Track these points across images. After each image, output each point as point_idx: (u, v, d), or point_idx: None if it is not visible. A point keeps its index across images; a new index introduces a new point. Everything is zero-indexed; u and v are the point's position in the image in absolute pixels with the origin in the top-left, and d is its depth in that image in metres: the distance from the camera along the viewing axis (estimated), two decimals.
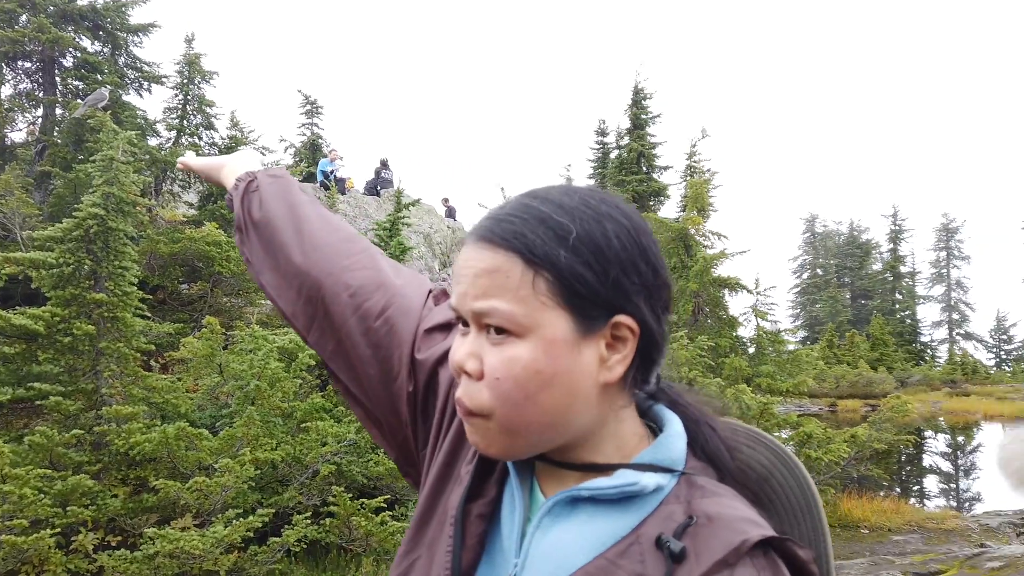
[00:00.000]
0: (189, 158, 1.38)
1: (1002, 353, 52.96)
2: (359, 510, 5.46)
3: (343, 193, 18.00)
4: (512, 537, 0.75)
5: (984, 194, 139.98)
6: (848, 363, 33.16)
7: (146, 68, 13.31)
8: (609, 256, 0.70)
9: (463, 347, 0.72)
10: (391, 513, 5.63)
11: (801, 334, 50.76)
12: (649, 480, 0.70)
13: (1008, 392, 29.34)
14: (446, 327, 0.96)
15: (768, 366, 10.63)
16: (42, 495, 4.54)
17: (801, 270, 59.30)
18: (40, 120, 12.00)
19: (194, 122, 13.33)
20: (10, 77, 11.69)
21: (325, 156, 20.15)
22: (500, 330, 0.69)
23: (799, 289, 58.06)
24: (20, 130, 12.43)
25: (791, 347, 12.18)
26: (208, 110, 13.29)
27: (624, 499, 0.71)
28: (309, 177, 20.08)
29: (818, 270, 57.15)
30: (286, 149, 22.96)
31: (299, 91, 23.84)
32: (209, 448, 5.35)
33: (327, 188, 16.48)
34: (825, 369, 27.40)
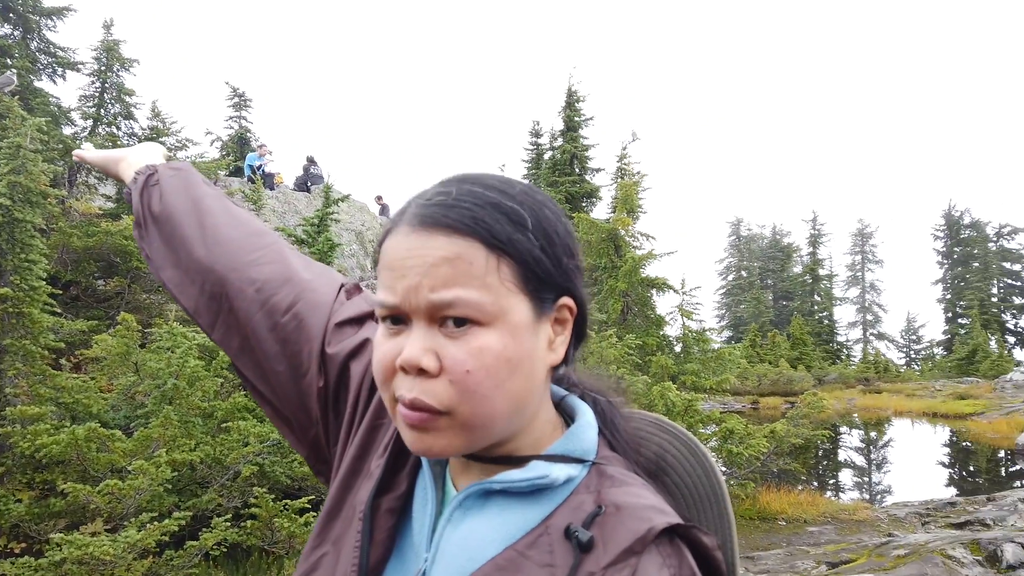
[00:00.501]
0: (85, 150, 1.32)
1: (911, 352, 55.90)
2: (282, 511, 5.33)
3: (272, 188, 17.58)
4: (423, 531, 0.75)
5: (896, 201, 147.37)
6: (770, 362, 34.41)
7: (60, 53, 12.71)
8: (556, 240, 0.72)
9: (415, 342, 0.67)
10: (315, 514, 5.53)
11: (726, 334, 52.42)
12: (559, 472, 0.70)
13: (917, 390, 30.94)
14: (358, 321, 0.95)
15: (693, 364, 10.91)
16: None
17: (727, 272, 61.18)
18: None
19: (112, 111, 12.79)
20: None
21: (253, 150, 19.64)
22: (462, 320, 0.66)
23: (724, 290, 59.88)
24: None
25: (716, 346, 12.52)
26: (127, 99, 12.79)
27: (536, 491, 0.71)
28: (236, 171, 19.55)
29: (743, 272, 59.06)
30: (212, 142, 22.29)
31: (227, 83, 23.13)
32: (122, 450, 5.13)
33: (255, 183, 16.05)
34: (748, 368, 28.32)
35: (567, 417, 0.79)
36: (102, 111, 12.56)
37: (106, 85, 12.72)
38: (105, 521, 4.82)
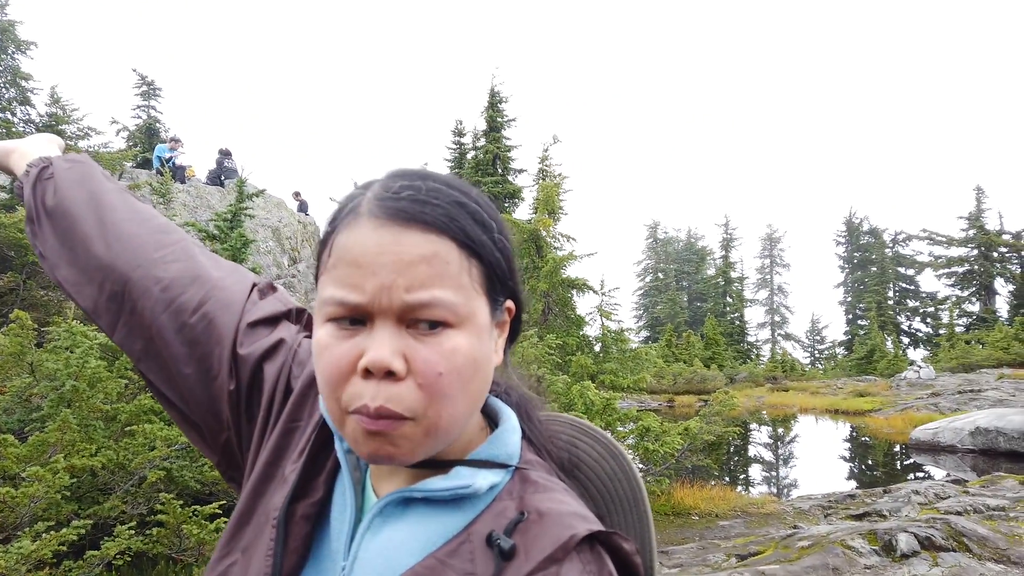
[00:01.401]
0: None
1: (816, 352, 58.85)
2: (191, 517, 5.12)
3: (183, 182, 16.89)
4: (341, 539, 0.73)
5: (802, 207, 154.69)
6: (684, 361, 35.55)
7: None
8: (509, 243, 0.72)
9: (384, 344, 0.63)
10: (227, 519, 5.33)
11: (643, 334, 53.72)
12: (483, 481, 0.70)
13: (820, 387, 32.51)
14: (272, 321, 0.92)
15: (612, 363, 11.12)
16: None
17: (644, 273, 62.73)
18: None
19: (6, 96, 12.02)
20: None
21: (163, 141, 18.82)
22: (436, 321, 0.64)
23: (642, 291, 61.38)
24: None
25: (633, 346, 12.81)
26: (23, 84, 12.05)
27: (458, 498, 0.70)
28: (145, 163, 18.71)
29: (659, 274, 60.70)
30: (118, 132, 21.25)
31: (134, 70, 22.09)
32: (16, 455, 4.80)
33: (163, 175, 15.38)
34: (664, 367, 29.15)
35: (489, 418, 0.79)
36: None
37: (0, 68, 11.94)
38: None
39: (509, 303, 0.74)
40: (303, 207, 21.19)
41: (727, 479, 13.19)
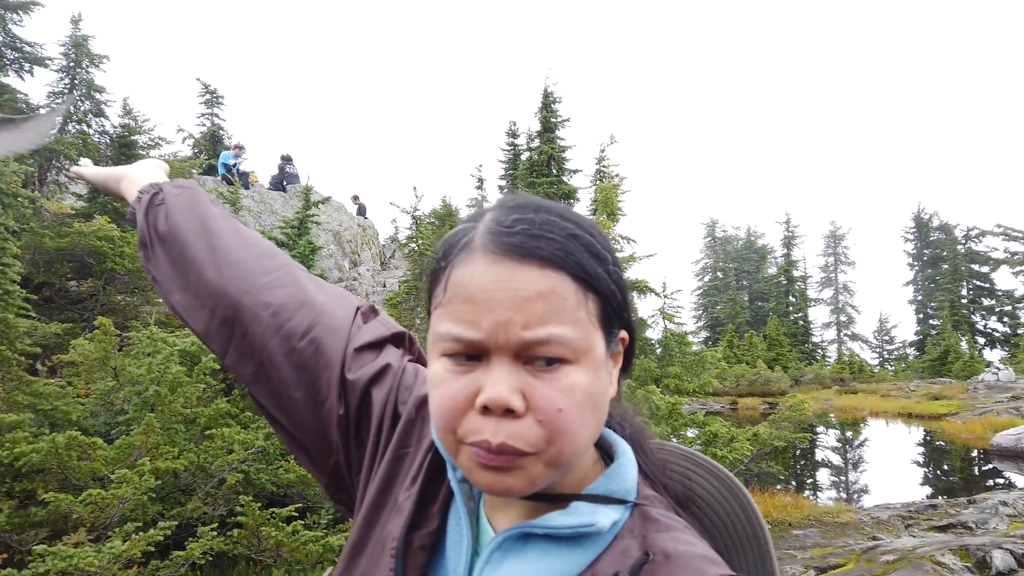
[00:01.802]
0: (84, 168, 1.26)
1: (884, 353, 56.83)
2: (269, 519, 5.23)
3: (247, 187, 17.34)
4: (459, 571, 0.72)
5: (868, 203, 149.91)
6: (747, 362, 34.80)
7: (27, 48, 12.38)
8: (622, 274, 0.71)
9: (502, 381, 0.63)
10: (303, 522, 5.43)
11: (703, 334, 52.86)
12: (605, 520, 0.68)
13: (891, 390, 31.39)
14: (377, 346, 0.92)
15: (675, 367, 10.96)
16: None
17: (703, 273, 61.68)
18: None
19: (82, 108, 12.51)
20: None
21: (227, 148, 19.37)
22: (553, 358, 0.63)
23: (701, 291, 60.38)
24: None
25: (695, 348, 12.60)
26: (98, 96, 12.51)
27: (579, 535, 0.68)
28: (210, 170, 19.27)
29: (718, 273, 59.59)
30: (184, 140, 21.92)
31: (198, 79, 22.77)
32: (104, 458, 4.99)
33: (229, 182, 15.83)
34: (726, 368, 28.62)
35: (603, 451, 0.77)
36: (72, 108, 12.27)
37: (75, 82, 12.45)
38: (88, 531, 4.68)
39: (623, 333, 0.72)
40: (362, 210, 21.55)
41: (794, 484, 12.84)
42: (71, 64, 12.26)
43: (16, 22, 12.33)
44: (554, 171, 27.69)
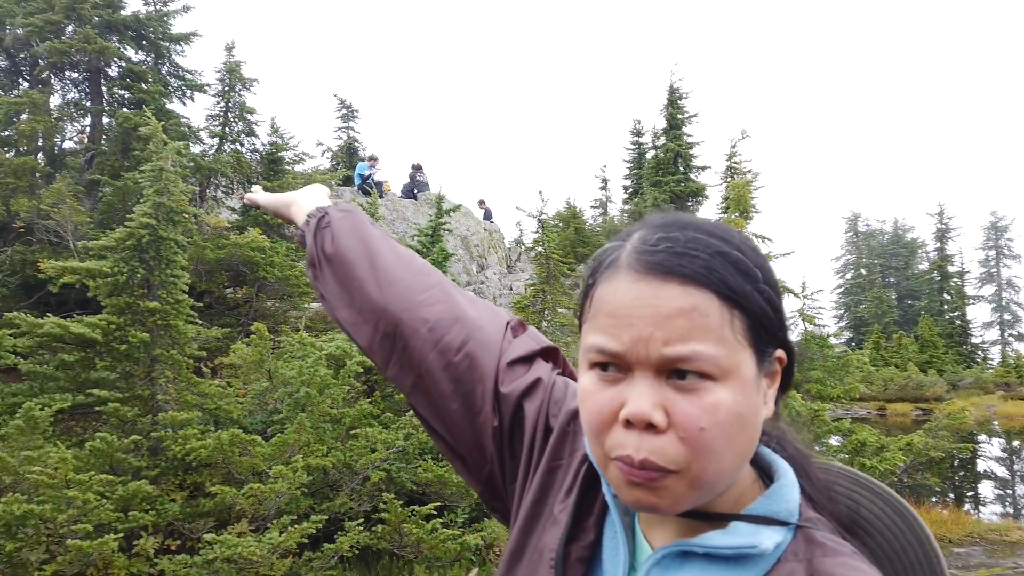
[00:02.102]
0: (257, 194, 1.38)
1: None
2: (410, 517, 5.46)
3: (381, 196, 18.14)
4: None
5: None
6: (896, 365, 32.41)
7: (188, 76, 13.53)
8: (777, 292, 0.69)
9: (643, 396, 0.64)
10: (441, 520, 5.62)
11: (846, 335, 49.80)
12: (768, 541, 0.66)
13: None
14: (527, 360, 0.95)
15: (817, 371, 10.40)
16: (104, 500, 4.61)
17: (844, 270, 58.13)
18: (88, 129, 12.27)
19: (236, 129, 13.50)
20: (58, 87, 11.97)
21: (362, 160, 20.32)
22: (696, 375, 0.63)
23: (843, 289, 56.93)
24: (71, 139, 12.74)
25: (838, 350, 11.90)
26: (249, 117, 13.46)
27: (740, 556, 0.67)
28: (346, 181, 20.29)
29: (862, 270, 55.96)
30: (323, 153, 23.21)
31: (335, 95, 24.10)
32: (262, 454, 5.39)
33: (366, 193, 16.60)
34: (873, 372, 26.81)
35: (761, 470, 0.75)
36: (226, 129, 13.28)
37: (229, 104, 13.43)
38: (249, 522, 5.07)
39: (779, 353, 0.70)
40: (488, 215, 21.98)
41: (952, 498, 11.84)
42: (225, 88, 13.27)
43: (178, 52, 13.54)
44: (681, 168, 27.09)
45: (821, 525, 0.70)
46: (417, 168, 20.50)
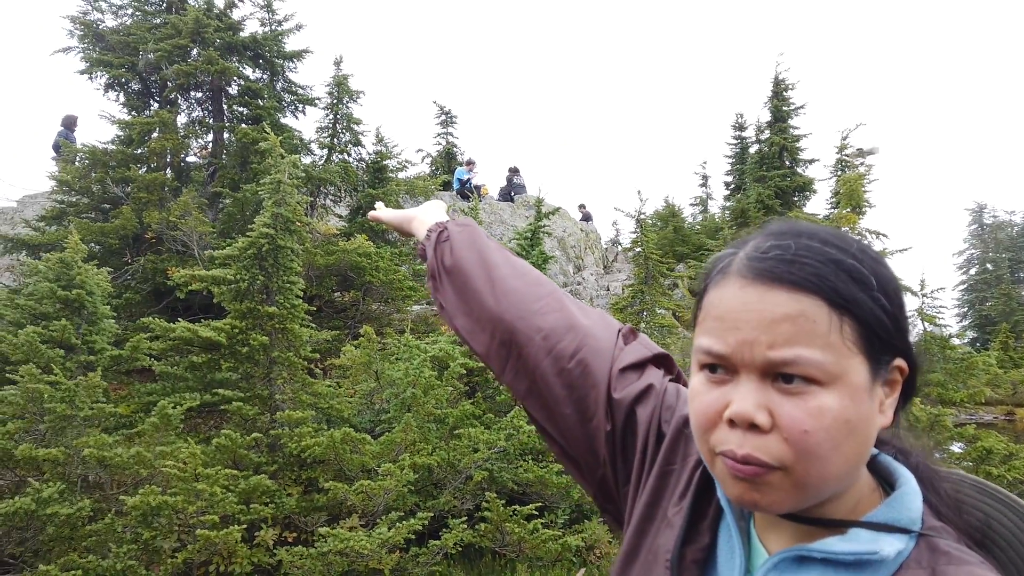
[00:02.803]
0: (380, 211, 1.46)
1: None
2: (511, 516, 5.56)
3: (479, 200, 18.42)
4: None
5: None
6: None
7: (300, 91, 14.19)
8: (896, 301, 0.70)
9: (747, 397, 0.66)
10: (542, 521, 5.69)
11: (970, 335, 46.47)
12: (889, 548, 0.66)
13: None
14: (639, 366, 0.98)
15: (937, 374, 9.80)
16: (229, 493, 4.95)
17: (967, 265, 54.22)
18: (210, 144, 13.11)
19: (343, 140, 14.05)
20: (184, 106, 12.86)
21: (460, 164, 20.71)
22: (802, 379, 0.65)
23: (965, 286, 53.14)
24: (194, 154, 13.66)
25: (961, 352, 11.15)
26: (355, 128, 13.97)
27: (859, 562, 0.67)
28: (445, 186, 20.73)
29: (988, 265, 52.03)
30: (423, 159, 23.79)
31: (434, 102, 24.65)
32: (371, 452, 5.63)
33: (465, 197, 16.91)
34: (1000, 374, 24.90)
35: (882, 479, 0.75)
36: (335, 140, 13.85)
37: (338, 116, 13.98)
38: (360, 517, 5.31)
39: (899, 362, 0.70)
40: (587, 218, 21.93)
41: None
42: (334, 102, 13.85)
43: (291, 69, 14.25)
44: (787, 162, 26.02)
45: (945, 534, 0.70)
46: (514, 171, 20.70)
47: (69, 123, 13.08)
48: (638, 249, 13.15)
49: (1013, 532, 0.76)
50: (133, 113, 11.53)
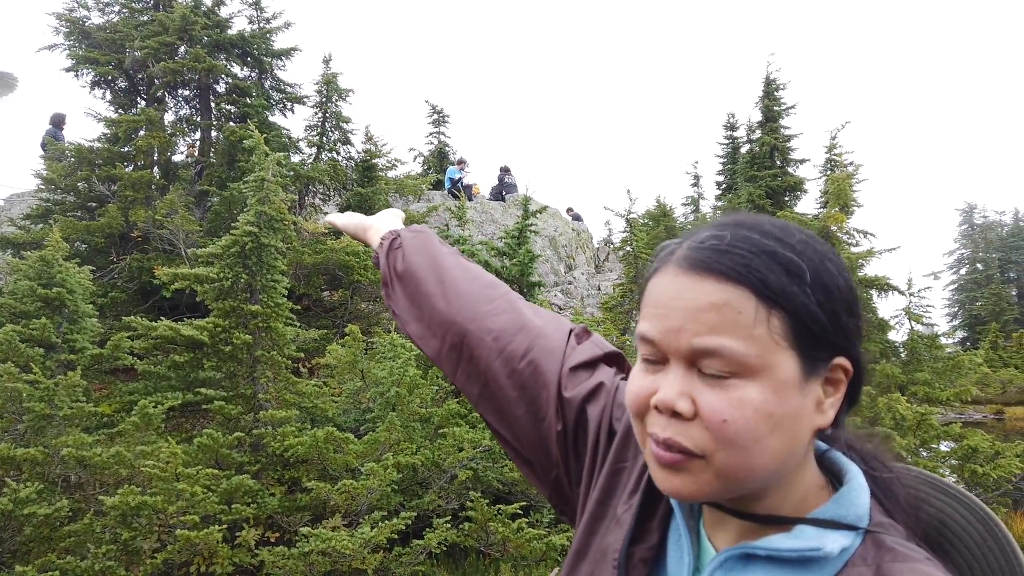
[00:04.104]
0: (335, 217, 1.44)
1: None
2: (496, 516, 5.54)
3: (470, 199, 18.39)
4: None
5: None
6: (1016, 366, 30.13)
7: (289, 89, 14.13)
8: (836, 297, 0.68)
9: (671, 384, 0.66)
10: (527, 520, 5.67)
11: (960, 335, 46.70)
12: (833, 544, 0.65)
13: None
14: (590, 365, 0.97)
15: (924, 372, 9.82)
16: (210, 493, 4.91)
17: (958, 265, 54.48)
18: (198, 143, 13.04)
19: (332, 138, 14.01)
20: (171, 104, 12.78)
21: (452, 164, 20.68)
22: (725, 369, 0.65)
23: (956, 285, 53.41)
24: (181, 152, 13.58)
25: (950, 351, 11.19)
26: (345, 126, 13.93)
27: (804, 560, 0.66)
28: (437, 185, 20.71)
29: (978, 264, 52.32)
30: (415, 158, 23.74)
31: (426, 101, 24.61)
32: (355, 452, 5.60)
33: (455, 196, 16.87)
34: (989, 373, 25.03)
35: (832, 476, 0.74)
36: (324, 139, 13.81)
37: (327, 115, 13.94)
38: (343, 516, 5.28)
39: (841, 361, 0.68)
40: (576, 219, 21.95)
41: None
42: (323, 100, 13.80)
43: (280, 67, 14.18)
44: (778, 162, 26.08)
45: (892, 531, 0.69)
46: (505, 170, 20.69)
47: (57, 121, 12.98)
48: (628, 248, 13.16)
49: (966, 528, 0.75)
50: (120, 111, 11.46)
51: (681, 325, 0.66)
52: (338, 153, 14.02)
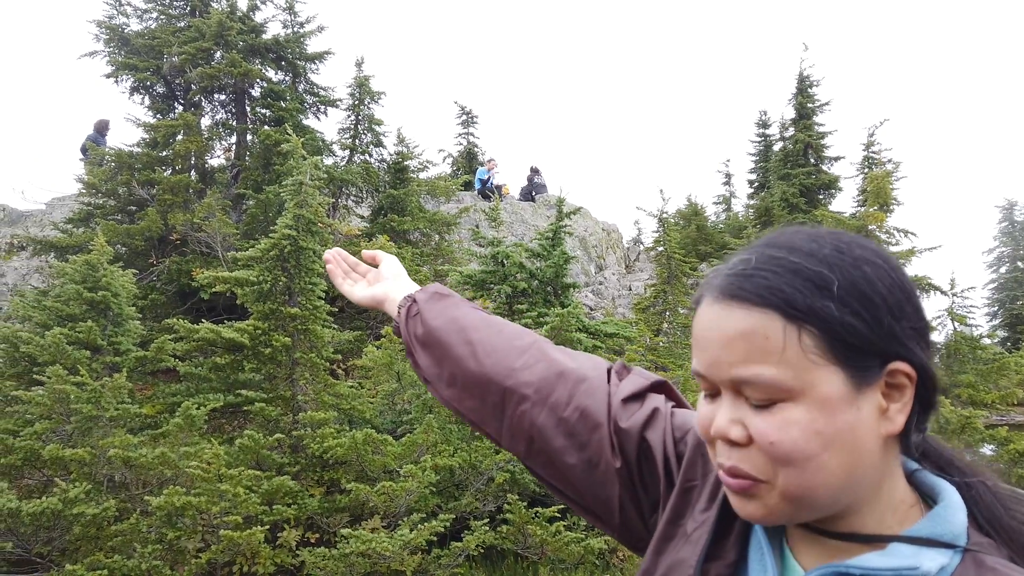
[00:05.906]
0: (354, 290, 1.34)
1: None
2: (533, 518, 5.53)
3: (500, 200, 18.41)
4: None
5: None
6: None
7: (322, 93, 14.26)
8: (876, 301, 0.66)
9: (723, 414, 0.68)
10: (565, 523, 5.65)
11: (1001, 335, 45.59)
12: (931, 564, 0.64)
13: None
14: (639, 396, 0.96)
15: (968, 375, 9.60)
16: (252, 494, 4.97)
17: (998, 263, 53.18)
18: (234, 146, 13.22)
19: (365, 141, 14.11)
20: (208, 109, 12.97)
21: (481, 164, 20.71)
22: (763, 396, 0.65)
23: (996, 284, 52.14)
24: (218, 156, 13.76)
25: (993, 352, 10.92)
26: (377, 129, 14.01)
27: None
28: (467, 186, 20.77)
29: (1019, 263, 51.02)
30: (444, 159, 23.80)
31: (455, 102, 24.64)
32: (393, 453, 5.62)
33: (486, 197, 16.90)
34: None
35: (924, 494, 0.72)
36: (356, 141, 13.91)
37: (359, 117, 14.04)
38: (381, 518, 5.31)
39: (899, 365, 0.66)
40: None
41: None
42: (356, 103, 13.90)
43: (313, 71, 14.32)
44: (812, 160, 25.67)
45: (992, 549, 0.67)
46: (535, 171, 20.66)
47: (101, 128, 13.26)
48: (660, 248, 13.05)
49: None
50: (158, 116, 11.66)
51: (718, 357, 0.67)
52: (370, 155, 14.10)
